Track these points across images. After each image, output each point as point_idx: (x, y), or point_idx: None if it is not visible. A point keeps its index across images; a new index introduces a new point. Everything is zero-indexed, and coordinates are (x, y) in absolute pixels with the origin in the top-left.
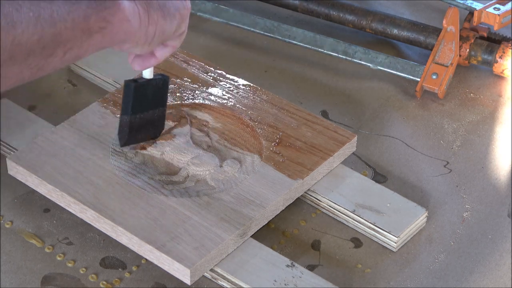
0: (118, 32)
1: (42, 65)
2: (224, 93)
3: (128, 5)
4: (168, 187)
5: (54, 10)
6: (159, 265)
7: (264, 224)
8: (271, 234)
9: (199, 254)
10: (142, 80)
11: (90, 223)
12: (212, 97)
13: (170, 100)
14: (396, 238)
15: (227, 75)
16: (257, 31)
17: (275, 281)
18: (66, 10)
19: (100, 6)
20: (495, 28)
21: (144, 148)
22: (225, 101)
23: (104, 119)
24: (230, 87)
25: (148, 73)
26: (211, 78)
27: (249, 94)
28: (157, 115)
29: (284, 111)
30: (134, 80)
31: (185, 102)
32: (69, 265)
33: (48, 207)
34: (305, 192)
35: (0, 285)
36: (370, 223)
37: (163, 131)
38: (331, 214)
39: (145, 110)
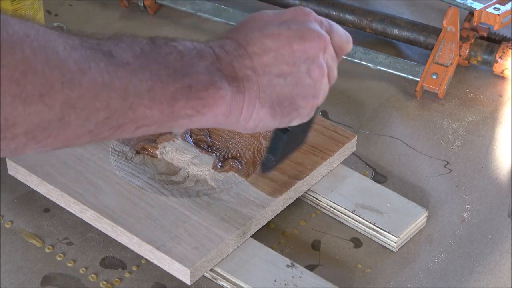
0: (209, 122)
1: (106, 135)
2: None
3: (231, 98)
4: (168, 187)
5: (132, 83)
6: (159, 265)
7: (264, 224)
8: (271, 234)
9: (199, 254)
10: (293, 128)
11: (90, 223)
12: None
13: None
14: (396, 238)
15: None
16: None
17: (275, 281)
18: (147, 87)
19: (192, 93)
20: (495, 28)
21: (144, 148)
22: None
23: None
24: None
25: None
26: None
27: None
28: (299, 147)
29: None
30: (285, 129)
31: None
32: (69, 265)
33: (48, 207)
34: (305, 192)
35: (0, 285)
36: (370, 223)
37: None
38: (331, 214)
39: (291, 152)
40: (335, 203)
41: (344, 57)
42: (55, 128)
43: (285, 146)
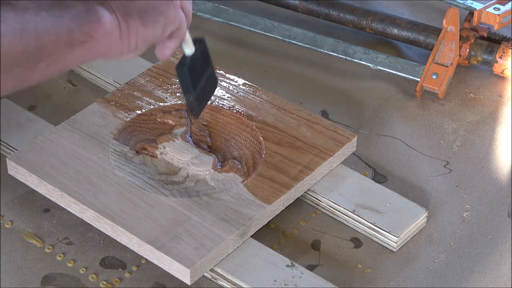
0: (100, 45)
1: (26, 76)
2: (224, 93)
3: (109, 18)
4: (168, 187)
5: (39, 23)
6: (159, 265)
7: (264, 224)
8: (271, 234)
9: (199, 254)
10: (189, 59)
11: (90, 223)
12: (212, 97)
13: (170, 100)
14: (396, 238)
15: (227, 75)
16: (257, 31)
17: (275, 281)
18: (50, 24)
19: (82, 20)
20: (495, 28)
21: (144, 148)
22: (225, 101)
23: (104, 119)
24: (230, 87)
25: (188, 49)
26: None
27: (249, 94)
28: (209, 73)
29: (284, 111)
30: (182, 63)
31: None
32: (69, 265)
33: (48, 207)
34: (305, 192)
35: (0, 285)
36: (370, 223)
37: (164, 133)
38: (331, 214)
39: (201, 78)
40: (335, 203)
41: (344, 57)
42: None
43: (194, 77)
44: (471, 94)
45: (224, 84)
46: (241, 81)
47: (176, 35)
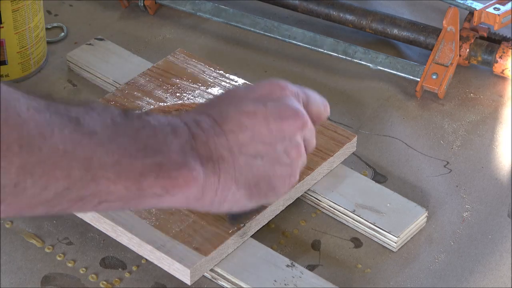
0: (179, 203)
1: (65, 206)
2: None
3: (204, 180)
4: None
5: (97, 154)
6: (159, 265)
7: (264, 224)
8: (271, 234)
9: (199, 254)
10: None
11: (90, 223)
12: (212, 97)
13: (170, 100)
14: (396, 238)
15: (227, 75)
16: (257, 31)
17: (275, 281)
18: (113, 160)
19: (163, 172)
20: (495, 28)
21: None
22: None
23: None
24: (230, 87)
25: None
26: (211, 78)
27: None
28: None
29: None
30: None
31: (185, 102)
32: (69, 265)
33: None
34: (305, 192)
35: (0, 285)
36: (370, 223)
37: None
38: (331, 214)
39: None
40: (335, 203)
41: (344, 57)
42: (9, 194)
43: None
44: (471, 94)
45: (224, 84)
46: (241, 81)
47: None
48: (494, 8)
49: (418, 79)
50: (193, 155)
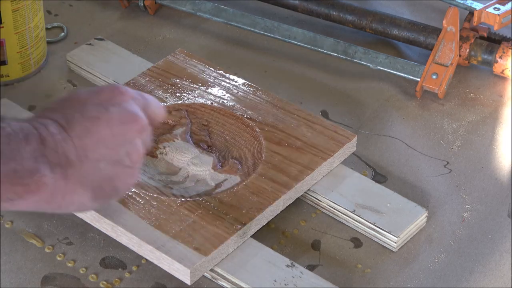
0: (30, 206)
1: None
2: (224, 93)
3: (53, 185)
4: (168, 187)
5: None
6: (159, 265)
7: (264, 224)
8: (271, 234)
9: (199, 254)
10: None
11: (90, 223)
12: (212, 97)
13: (170, 100)
14: (396, 238)
15: (227, 75)
16: (257, 31)
17: (275, 281)
18: None
19: (16, 179)
20: (495, 28)
21: None
22: (225, 101)
23: None
24: (230, 87)
25: None
26: (211, 78)
27: (249, 94)
28: None
29: (284, 111)
30: None
31: (185, 102)
32: (69, 265)
33: None
34: (305, 192)
35: (0, 285)
36: (370, 223)
37: (164, 132)
38: (331, 214)
39: None
40: (335, 203)
41: (344, 57)
42: None
43: None
44: (471, 94)
45: (224, 84)
46: (241, 81)
47: None
48: (494, 8)
49: (418, 79)
50: (44, 161)
